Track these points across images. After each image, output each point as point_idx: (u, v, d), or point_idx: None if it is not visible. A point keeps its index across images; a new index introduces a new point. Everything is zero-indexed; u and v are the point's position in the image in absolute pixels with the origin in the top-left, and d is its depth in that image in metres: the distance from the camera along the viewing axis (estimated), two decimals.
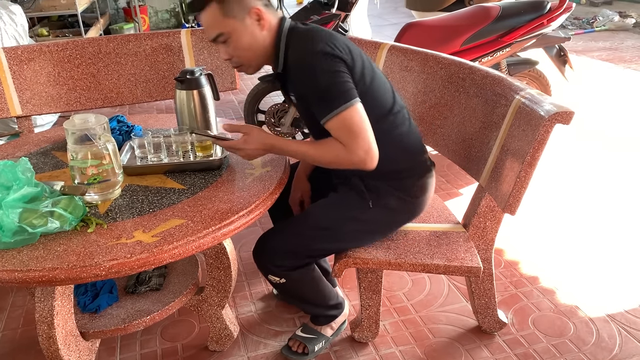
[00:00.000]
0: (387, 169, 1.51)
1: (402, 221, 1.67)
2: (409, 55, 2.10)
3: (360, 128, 1.37)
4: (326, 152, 1.42)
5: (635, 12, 6.76)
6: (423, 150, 1.66)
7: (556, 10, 2.92)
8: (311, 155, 1.46)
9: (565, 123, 1.37)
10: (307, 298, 1.75)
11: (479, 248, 1.69)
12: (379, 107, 1.52)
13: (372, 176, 1.50)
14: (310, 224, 1.59)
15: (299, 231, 1.59)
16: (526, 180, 1.42)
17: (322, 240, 1.59)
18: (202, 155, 1.62)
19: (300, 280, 1.64)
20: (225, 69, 2.54)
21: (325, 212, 1.60)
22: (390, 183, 1.58)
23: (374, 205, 1.57)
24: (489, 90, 1.71)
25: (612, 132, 3.51)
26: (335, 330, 1.83)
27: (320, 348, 1.79)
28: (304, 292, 1.71)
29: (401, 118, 1.59)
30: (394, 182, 1.59)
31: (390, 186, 1.58)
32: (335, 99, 1.36)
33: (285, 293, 1.83)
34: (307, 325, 1.82)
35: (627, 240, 2.37)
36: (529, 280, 2.12)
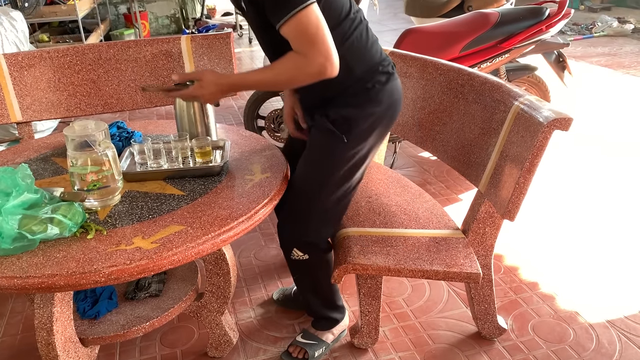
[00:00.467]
0: (349, 81, 1.48)
1: (383, 132, 1.60)
2: (408, 62, 2.11)
3: (318, 29, 1.30)
4: (284, 69, 1.37)
5: (634, 17, 6.79)
6: (381, 53, 1.58)
7: (555, 16, 2.93)
8: (271, 79, 1.41)
9: (564, 129, 1.37)
10: (320, 286, 1.74)
11: (478, 254, 1.69)
12: (335, 9, 1.44)
13: (335, 102, 1.51)
14: (307, 188, 1.58)
15: (308, 199, 1.58)
16: (525, 186, 1.42)
17: (328, 195, 1.57)
18: (201, 162, 1.63)
19: (320, 261, 1.66)
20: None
21: (311, 170, 1.59)
22: (353, 101, 1.52)
23: (348, 139, 1.52)
24: (488, 97, 1.72)
25: (611, 137, 3.51)
26: (335, 337, 1.83)
27: (320, 354, 1.79)
28: (319, 276, 1.70)
29: (358, 21, 1.51)
30: (356, 98, 1.52)
31: (355, 106, 1.52)
32: (290, 0, 1.29)
33: (302, 273, 1.76)
34: (307, 330, 1.82)
35: (627, 245, 2.37)
36: (529, 286, 2.12)
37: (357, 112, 1.52)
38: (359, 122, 1.53)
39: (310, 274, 1.73)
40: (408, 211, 1.83)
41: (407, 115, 2.08)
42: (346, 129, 1.52)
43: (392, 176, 2.12)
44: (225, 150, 1.67)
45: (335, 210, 1.63)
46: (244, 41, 7.06)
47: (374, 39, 1.58)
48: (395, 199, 1.91)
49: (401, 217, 1.80)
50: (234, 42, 7.24)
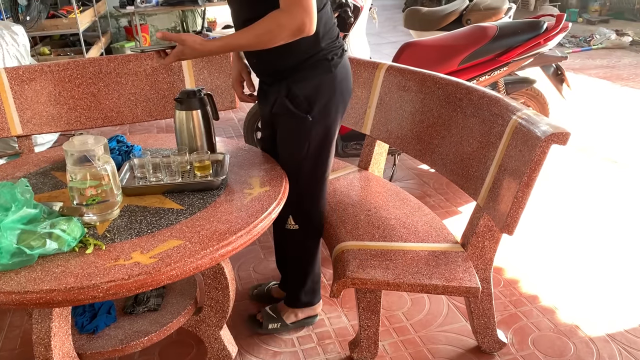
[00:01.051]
0: (313, 50, 1.59)
1: (340, 104, 1.70)
2: (407, 75, 2.12)
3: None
4: (265, 27, 1.44)
5: (631, 30, 6.82)
6: (337, 29, 1.70)
7: (552, 29, 2.95)
8: (252, 39, 1.46)
9: (562, 144, 1.38)
10: (305, 259, 1.91)
11: (477, 268, 1.69)
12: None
13: (293, 77, 1.62)
14: (290, 170, 1.70)
15: (295, 180, 1.69)
16: (524, 200, 1.42)
17: (310, 172, 1.75)
18: (200, 176, 1.63)
19: (310, 231, 1.85)
20: (225, 88, 2.56)
21: (288, 154, 1.74)
22: (310, 75, 1.62)
23: (312, 116, 1.65)
24: (486, 110, 1.73)
25: (610, 150, 3.52)
26: (298, 320, 1.99)
27: (274, 329, 1.98)
28: (306, 247, 1.89)
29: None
30: (314, 71, 1.62)
31: (312, 81, 1.62)
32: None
33: (292, 244, 1.92)
34: (276, 306, 2.02)
35: (627, 258, 2.36)
36: (529, 299, 2.11)
37: (315, 87, 1.63)
38: (318, 98, 1.64)
39: (299, 244, 1.89)
40: (407, 224, 1.83)
41: (405, 128, 2.09)
42: (307, 107, 1.64)
43: (391, 189, 2.12)
44: (224, 164, 1.68)
45: (322, 179, 1.79)
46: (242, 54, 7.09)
47: (332, 14, 1.71)
48: (394, 212, 1.91)
49: (400, 230, 1.80)
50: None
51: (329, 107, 1.67)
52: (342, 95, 1.70)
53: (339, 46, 1.67)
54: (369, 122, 2.25)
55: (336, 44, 1.66)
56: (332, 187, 2.10)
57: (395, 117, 2.14)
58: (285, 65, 1.63)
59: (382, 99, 2.20)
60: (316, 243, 1.91)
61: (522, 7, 6.79)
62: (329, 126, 1.70)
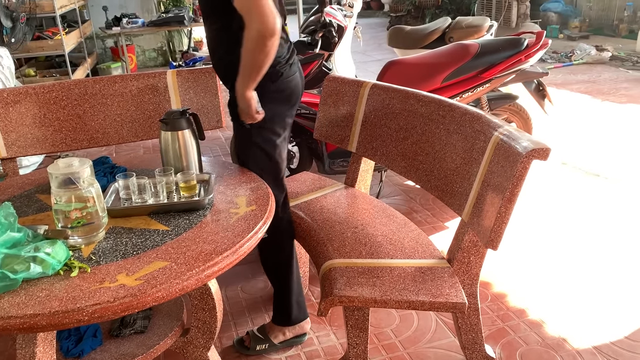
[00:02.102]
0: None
1: (283, 112, 1.85)
2: (391, 94, 2.15)
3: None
4: (251, 43, 1.56)
5: (610, 45, 6.98)
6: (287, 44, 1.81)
7: (533, 46, 3.01)
8: (249, 58, 1.60)
9: (543, 159, 1.40)
10: (280, 272, 1.98)
11: (464, 283, 1.70)
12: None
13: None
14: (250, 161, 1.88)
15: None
16: (506, 215, 1.44)
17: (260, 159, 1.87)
18: (186, 196, 1.63)
19: (279, 240, 1.92)
20: (211, 107, 2.57)
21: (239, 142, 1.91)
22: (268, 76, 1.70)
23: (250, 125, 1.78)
24: (468, 127, 1.75)
25: (594, 164, 3.57)
26: (286, 339, 2.01)
27: (261, 350, 2.01)
28: (280, 258, 1.96)
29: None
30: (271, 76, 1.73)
31: (268, 83, 1.74)
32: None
33: (265, 253, 2.00)
34: (264, 325, 2.06)
35: (612, 271, 2.39)
36: (516, 313, 2.12)
37: (267, 90, 1.77)
38: (266, 97, 1.77)
39: (272, 253, 1.96)
40: (394, 241, 1.84)
41: (390, 146, 2.11)
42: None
43: (377, 206, 2.14)
44: (210, 184, 1.68)
45: (279, 184, 1.91)
46: None
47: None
48: (381, 229, 1.92)
49: (387, 247, 1.80)
50: None
51: (267, 114, 1.76)
52: (281, 104, 1.83)
53: (283, 58, 1.77)
54: (355, 140, 2.27)
55: (280, 57, 1.75)
56: (318, 204, 2.11)
57: (380, 135, 2.16)
58: (231, 75, 1.74)
59: (367, 116, 2.23)
60: (289, 250, 1.97)
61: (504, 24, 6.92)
62: (267, 134, 1.83)
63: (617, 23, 8.00)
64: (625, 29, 7.85)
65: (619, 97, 5.04)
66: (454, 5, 8.95)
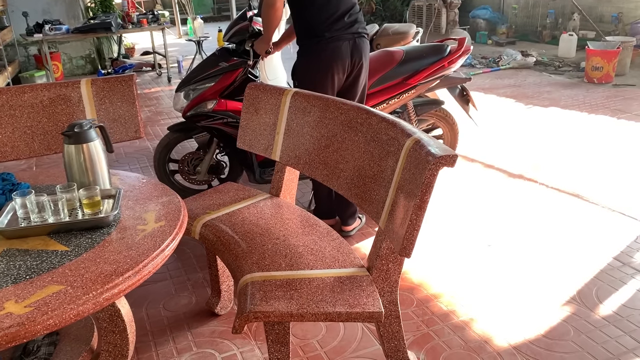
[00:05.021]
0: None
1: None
2: (312, 101, 2.13)
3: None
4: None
5: (535, 51, 7.29)
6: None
7: (455, 53, 3.08)
8: (263, 20, 2.65)
9: (450, 166, 1.41)
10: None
11: (383, 291, 1.69)
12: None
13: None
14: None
15: None
16: (417, 222, 1.44)
17: None
18: (90, 213, 1.54)
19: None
20: (129, 117, 2.47)
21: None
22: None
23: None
24: (384, 134, 1.75)
25: (518, 166, 3.69)
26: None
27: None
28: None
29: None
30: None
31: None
32: None
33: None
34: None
35: (530, 270, 2.46)
36: (441, 317, 2.14)
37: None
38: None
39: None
40: (315, 251, 1.81)
41: (312, 154, 2.09)
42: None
43: (301, 215, 2.10)
44: (117, 199, 1.60)
45: None
46: (163, 80, 6.95)
47: None
48: (303, 239, 1.89)
49: (308, 257, 1.77)
50: (154, 81, 7.09)
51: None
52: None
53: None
54: (278, 149, 2.23)
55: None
56: (241, 216, 2.06)
57: (303, 143, 2.13)
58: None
59: (289, 125, 2.19)
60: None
61: (434, 31, 7.10)
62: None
63: (541, 29, 8.38)
64: (548, 35, 8.24)
65: (542, 101, 5.26)
66: (388, 12, 9.12)
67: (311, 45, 2.55)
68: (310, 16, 2.52)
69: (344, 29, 2.54)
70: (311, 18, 2.52)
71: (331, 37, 2.51)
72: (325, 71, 2.55)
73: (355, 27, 2.58)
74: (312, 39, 2.53)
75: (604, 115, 4.72)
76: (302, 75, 2.62)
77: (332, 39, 2.51)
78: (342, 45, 2.53)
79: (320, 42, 2.51)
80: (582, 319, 2.10)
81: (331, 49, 2.52)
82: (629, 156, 3.77)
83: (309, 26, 2.54)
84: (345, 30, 2.54)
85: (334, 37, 2.51)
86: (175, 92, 3.01)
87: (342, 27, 2.54)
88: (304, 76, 2.61)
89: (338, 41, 2.52)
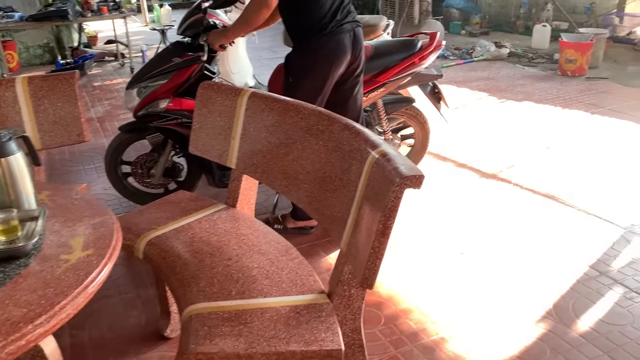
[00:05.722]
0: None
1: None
2: (270, 104, 1.94)
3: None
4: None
5: (509, 41, 7.19)
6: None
7: (427, 48, 2.92)
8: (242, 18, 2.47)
9: (416, 187, 1.24)
10: None
11: (345, 319, 1.52)
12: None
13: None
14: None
15: None
16: (380, 251, 1.27)
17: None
18: (4, 241, 1.33)
19: None
20: (71, 119, 2.25)
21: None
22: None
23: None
24: (346, 144, 1.59)
25: (491, 165, 3.57)
26: (296, 227, 2.76)
27: (277, 229, 2.20)
28: None
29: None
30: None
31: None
32: None
33: None
34: (284, 215, 2.78)
35: (504, 281, 2.34)
36: (410, 337, 2.00)
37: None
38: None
39: None
40: (271, 274, 1.64)
41: (271, 162, 1.91)
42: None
43: (259, 229, 1.92)
44: (39, 222, 1.39)
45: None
46: (125, 70, 6.64)
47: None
48: (257, 260, 1.71)
49: (262, 282, 1.60)
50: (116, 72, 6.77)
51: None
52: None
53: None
54: (234, 155, 2.04)
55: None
56: (190, 232, 1.87)
57: (261, 150, 1.95)
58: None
59: (246, 129, 2.00)
60: None
61: (406, 21, 6.94)
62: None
63: (515, 20, 8.29)
64: (522, 25, 8.15)
65: (515, 94, 5.16)
66: (361, 2, 8.92)
67: (311, 42, 2.42)
68: (311, 12, 2.39)
69: (342, 22, 2.44)
70: (311, 13, 2.39)
71: (332, 31, 2.40)
72: (329, 66, 2.45)
73: (351, 17, 2.49)
74: (313, 36, 2.41)
75: (578, 110, 4.64)
76: (302, 72, 2.48)
77: (334, 33, 2.41)
78: (345, 38, 2.44)
79: (323, 37, 2.40)
80: (559, 336, 1.98)
81: (335, 43, 2.42)
82: (604, 154, 3.68)
83: (310, 22, 2.40)
84: (343, 22, 2.44)
85: (335, 31, 2.41)
86: (125, 89, 2.78)
87: (341, 20, 2.44)
88: (304, 73, 2.48)
89: (340, 34, 2.42)
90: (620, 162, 3.54)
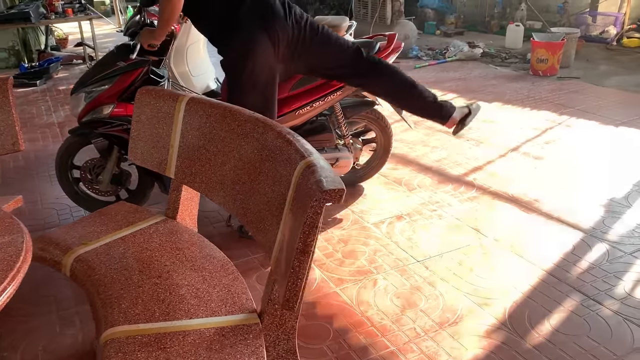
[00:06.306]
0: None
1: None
2: (208, 110, 1.84)
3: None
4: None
5: (483, 41, 7.16)
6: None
7: (385, 50, 2.85)
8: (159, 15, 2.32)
9: (336, 202, 1.16)
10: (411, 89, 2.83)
11: (278, 339, 1.43)
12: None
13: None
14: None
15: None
16: (301, 270, 1.18)
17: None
18: None
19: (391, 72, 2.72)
20: (4, 128, 2.14)
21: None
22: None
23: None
24: (279, 153, 1.50)
25: (453, 167, 3.51)
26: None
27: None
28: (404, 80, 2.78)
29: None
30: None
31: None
32: None
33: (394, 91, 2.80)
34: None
35: (458, 287, 2.26)
36: (358, 352, 1.91)
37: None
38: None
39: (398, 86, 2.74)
40: (200, 292, 1.54)
41: (209, 172, 1.81)
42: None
43: (196, 243, 1.82)
44: None
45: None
46: None
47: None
48: (189, 277, 1.61)
49: (190, 302, 1.50)
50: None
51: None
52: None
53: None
54: (173, 164, 1.94)
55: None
56: (122, 247, 1.76)
57: (199, 158, 1.85)
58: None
59: (184, 137, 1.90)
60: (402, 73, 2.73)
61: (379, 21, 6.86)
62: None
63: (489, 19, 8.27)
64: (496, 25, 8.13)
65: (486, 95, 5.11)
66: (336, 2, 8.83)
67: (234, 25, 2.29)
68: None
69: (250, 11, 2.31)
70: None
71: (254, 3, 2.29)
72: (265, 43, 2.31)
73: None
74: (233, 17, 2.28)
75: (547, 110, 4.60)
76: (237, 63, 2.36)
77: (256, 3, 2.29)
78: (274, 3, 2.33)
79: (243, 14, 2.29)
80: (512, 348, 1.91)
81: (261, 13, 2.30)
82: (568, 156, 3.64)
83: (224, 4, 2.29)
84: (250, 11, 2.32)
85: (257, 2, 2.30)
86: (70, 94, 2.66)
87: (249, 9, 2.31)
88: (239, 63, 2.34)
89: (249, 21, 2.29)
90: (584, 163, 3.50)
